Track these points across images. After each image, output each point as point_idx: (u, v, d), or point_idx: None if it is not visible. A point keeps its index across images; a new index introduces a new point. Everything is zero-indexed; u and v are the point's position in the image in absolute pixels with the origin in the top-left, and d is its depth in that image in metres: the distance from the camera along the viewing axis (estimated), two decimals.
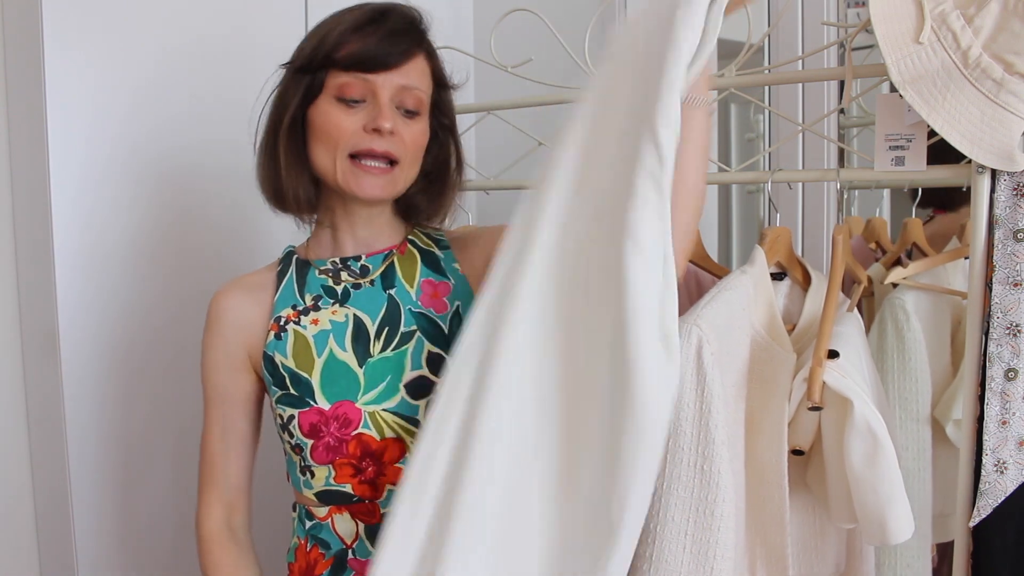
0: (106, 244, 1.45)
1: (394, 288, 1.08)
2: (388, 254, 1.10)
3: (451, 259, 1.12)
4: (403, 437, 1.03)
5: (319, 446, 1.03)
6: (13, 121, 1.44)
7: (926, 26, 0.97)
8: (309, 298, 1.08)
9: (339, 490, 1.05)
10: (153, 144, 1.50)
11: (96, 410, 1.46)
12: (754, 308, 1.08)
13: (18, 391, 1.48)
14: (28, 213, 1.44)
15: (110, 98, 1.45)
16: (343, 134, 1.01)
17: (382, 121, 0.99)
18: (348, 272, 1.09)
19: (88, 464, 1.45)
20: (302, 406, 1.03)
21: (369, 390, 1.03)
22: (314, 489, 1.06)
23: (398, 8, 1.05)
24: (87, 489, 1.46)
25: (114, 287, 1.47)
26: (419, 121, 1.05)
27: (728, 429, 0.98)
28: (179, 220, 1.55)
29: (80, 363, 1.43)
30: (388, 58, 1.00)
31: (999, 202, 0.99)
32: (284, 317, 1.07)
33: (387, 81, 1.00)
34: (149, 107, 1.49)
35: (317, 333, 1.06)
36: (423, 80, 1.05)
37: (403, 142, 1.02)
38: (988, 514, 1.00)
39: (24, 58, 1.40)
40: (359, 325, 1.06)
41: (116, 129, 1.46)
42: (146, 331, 1.51)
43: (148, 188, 1.50)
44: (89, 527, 1.46)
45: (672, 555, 0.96)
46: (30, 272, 1.45)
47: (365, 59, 1.00)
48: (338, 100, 1.01)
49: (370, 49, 1.00)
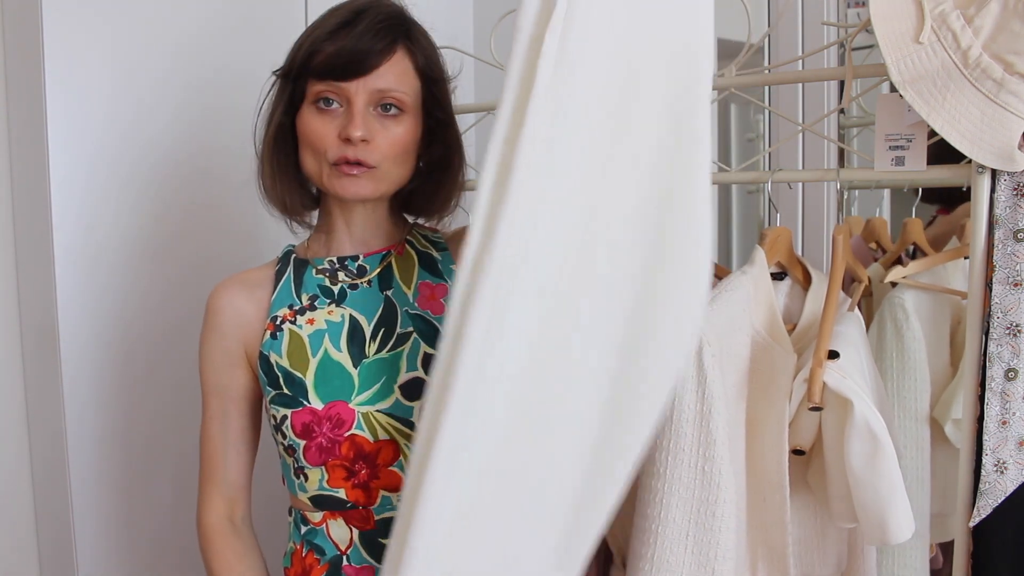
0: (106, 244, 1.45)
1: (391, 290, 1.08)
2: (386, 254, 1.10)
3: (448, 261, 1.12)
4: (397, 439, 1.02)
5: (311, 447, 1.02)
6: (13, 121, 1.44)
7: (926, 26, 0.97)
8: (306, 298, 1.08)
9: (333, 495, 1.04)
10: (153, 144, 1.50)
11: (96, 410, 1.46)
12: (754, 308, 1.08)
13: (18, 391, 1.48)
14: (28, 213, 1.44)
15: (110, 98, 1.45)
16: (322, 141, 1.01)
17: (351, 130, 0.99)
18: (345, 272, 1.09)
19: (88, 464, 1.45)
20: (295, 406, 1.03)
21: (363, 391, 1.03)
22: (308, 493, 1.06)
23: (376, 5, 1.03)
24: (87, 489, 1.46)
25: (114, 287, 1.47)
26: (402, 121, 1.03)
27: (729, 430, 0.98)
28: (179, 220, 1.55)
29: (80, 363, 1.43)
30: (360, 64, 0.99)
31: (999, 202, 0.99)
32: (280, 316, 1.07)
33: (361, 87, 0.99)
34: (149, 107, 1.49)
35: (312, 333, 1.06)
36: (403, 79, 1.03)
37: (378, 148, 1.01)
38: (988, 514, 1.00)
39: (24, 58, 1.40)
40: (355, 326, 1.06)
41: (116, 129, 1.46)
42: (146, 331, 1.51)
43: (148, 188, 1.50)
44: (89, 527, 1.46)
45: (673, 556, 0.96)
46: (30, 272, 1.45)
47: (337, 66, 0.99)
48: (316, 108, 1.01)
49: (342, 55, 0.99)
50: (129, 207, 1.48)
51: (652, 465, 0.99)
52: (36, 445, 1.49)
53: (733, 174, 1.29)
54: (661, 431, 0.99)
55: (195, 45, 1.54)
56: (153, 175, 1.50)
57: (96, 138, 1.43)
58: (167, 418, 1.54)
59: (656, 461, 0.99)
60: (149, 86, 1.49)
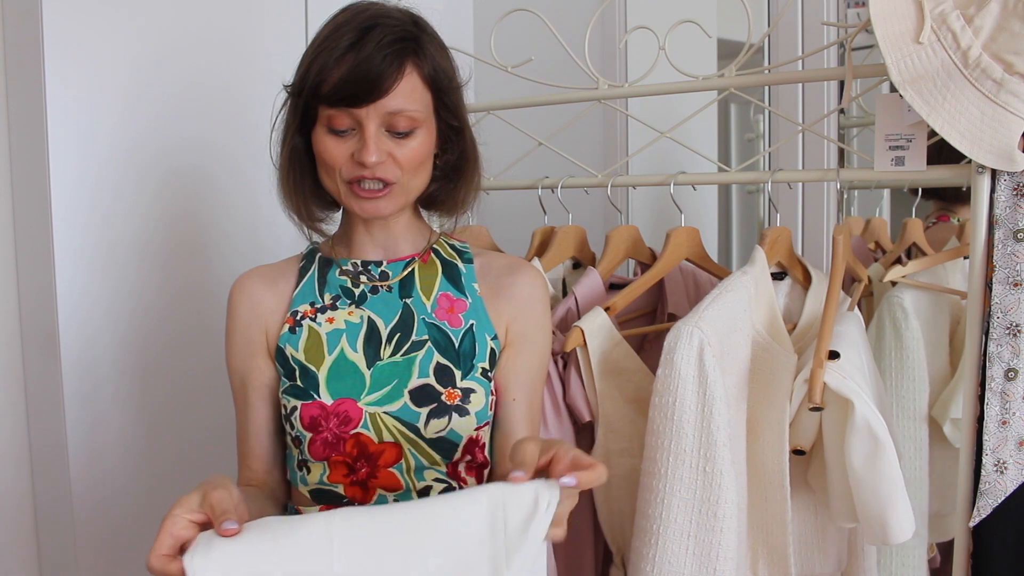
0: (106, 244, 1.45)
1: (411, 298, 1.09)
2: (409, 261, 1.11)
3: (472, 277, 1.12)
4: (401, 443, 1.02)
5: (317, 440, 1.03)
6: (13, 121, 1.44)
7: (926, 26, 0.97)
8: (328, 297, 1.09)
9: (331, 490, 1.05)
10: (153, 144, 1.50)
11: (96, 410, 1.46)
12: (755, 309, 1.08)
13: (18, 391, 1.48)
14: (28, 213, 1.44)
15: (111, 98, 1.44)
16: (336, 162, 1.02)
17: (366, 156, 0.99)
18: (368, 276, 1.10)
19: (88, 464, 1.45)
20: (305, 398, 1.04)
21: (373, 391, 1.03)
22: (308, 486, 1.06)
23: (384, 18, 1.01)
24: (87, 489, 1.45)
25: (114, 286, 1.47)
26: (415, 137, 1.02)
27: (730, 430, 0.98)
28: (179, 220, 1.55)
29: (80, 363, 1.43)
30: (371, 91, 0.98)
31: (999, 202, 0.99)
32: (301, 312, 1.08)
33: (372, 112, 0.99)
34: (150, 107, 1.49)
35: (331, 331, 1.07)
36: (414, 97, 1.01)
37: (396, 164, 1.01)
38: (988, 514, 1.00)
39: (24, 58, 1.40)
40: (372, 327, 1.07)
41: (116, 129, 1.45)
42: (146, 330, 1.51)
43: (148, 188, 1.50)
44: (89, 527, 1.46)
45: (675, 556, 0.96)
46: (30, 272, 1.45)
47: (347, 95, 0.98)
48: (329, 130, 1.02)
49: (351, 82, 0.98)
50: (130, 207, 1.48)
51: (653, 465, 1.00)
52: (36, 445, 1.49)
53: (733, 174, 1.29)
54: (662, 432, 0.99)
55: (196, 44, 1.54)
56: (154, 175, 1.50)
57: (96, 139, 1.43)
58: (167, 417, 1.54)
59: (657, 461, 0.99)
60: (149, 86, 1.48)
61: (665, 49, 1.28)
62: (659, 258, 1.27)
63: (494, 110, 1.49)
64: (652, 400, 1.01)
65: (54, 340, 1.41)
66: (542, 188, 1.39)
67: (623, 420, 1.16)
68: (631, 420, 1.15)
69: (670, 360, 0.99)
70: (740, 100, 1.50)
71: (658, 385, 1.00)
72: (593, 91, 1.35)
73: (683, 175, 1.28)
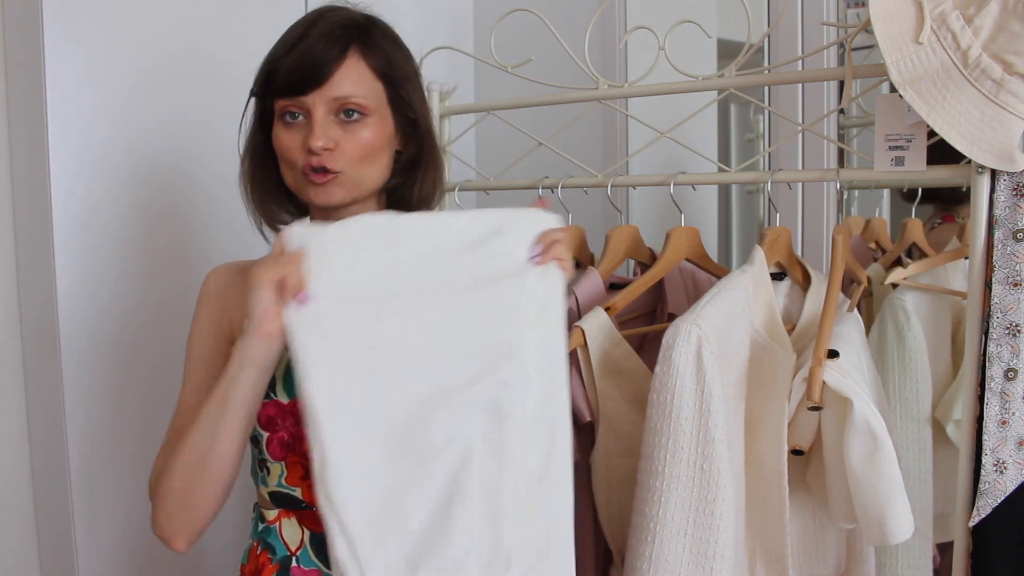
0: (106, 243, 1.45)
1: None
2: None
3: None
4: None
5: (274, 440, 1.03)
6: (13, 121, 1.44)
7: (926, 26, 0.97)
8: None
9: (289, 493, 1.05)
10: (153, 144, 1.50)
11: (96, 409, 1.46)
12: (754, 308, 1.08)
13: (18, 390, 1.49)
14: (28, 212, 1.44)
15: (111, 98, 1.45)
16: (290, 153, 1.03)
17: (312, 141, 1.00)
18: None
19: (88, 463, 1.45)
20: (263, 397, 1.03)
21: None
22: (268, 487, 1.06)
23: (330, 13, 1.04)
24: (87, 489, 1.46)
25: (114, 286, 1.47)
26: (366, 125, 1.03)
27: (728, 429, 0.98)
28: (179, 220, 1.55)
29: (80, 362, 1.43)
30: (313, 77, 1.00)
31: (999, 202, 0.99)
32: None
33: (318, 98, 1.01)
34: (150, 108, 1.49)
35: None
36: (361, 84, 1.03)
37: (343, 153, 1.02)
38: (988, 514, 1.00)
39: (24, 58, 1.40)
40: None
41: (117, 129, 1.46)
42: (146, 329, 1.51)
43: (148, 188, 1.50)
44: (89, 527, 1.46)
45: (672, 555, 0.96)
46: (30, 271, 1.45)
47: (293, 82, 1.00)
48: (283, 123, 1.03)
49: (296, 70, 1.00)
50: (130, 207, 1.48)
51: (651, 464, 0.99)
52: (36, 445, 1.49)
53: (733, 174, 1.29)
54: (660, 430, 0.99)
55: (196, 44, 1.54)
56: (154, 174, 1.50)
57: (96, 139, 1.43)
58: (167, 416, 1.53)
59: (655, 460, 0.99)
60: (150, 86, 1.49)
61: (665, 49, 1.28)
62: (659, 258, 1.27)
63: (494, 110, 1.49)
64: (650, 397, 1.00)
65: (54, 340, 1.41)
66: (542, 188, 1.39)
67: (623, 420, 1.16)
68: (631, 420, 1.15)
69: (668, 357, 0.99)
70: (740, 100, 1.50)
71: (656, 382, 1.00)
72: (593, 91, 1.35)
73: (683, 175, 1.28)
